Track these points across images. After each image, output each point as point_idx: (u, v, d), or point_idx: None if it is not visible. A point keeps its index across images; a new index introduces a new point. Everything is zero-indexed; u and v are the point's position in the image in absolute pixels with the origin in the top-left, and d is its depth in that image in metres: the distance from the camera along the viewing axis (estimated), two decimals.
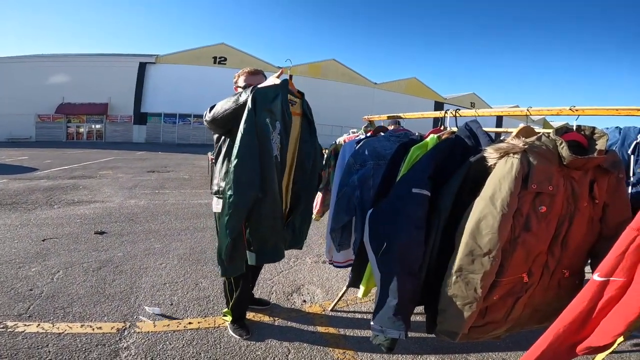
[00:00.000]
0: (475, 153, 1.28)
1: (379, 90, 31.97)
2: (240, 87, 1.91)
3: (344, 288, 2.36)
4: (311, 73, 29.64)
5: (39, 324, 2.03)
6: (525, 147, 1.16)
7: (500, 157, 1.18)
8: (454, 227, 1.22)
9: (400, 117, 2.42)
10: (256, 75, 1.95)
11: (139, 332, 2.01)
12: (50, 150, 15.85)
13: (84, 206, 5.20)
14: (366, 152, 1.86)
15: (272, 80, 1.72)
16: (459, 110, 1.78)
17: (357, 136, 2.33)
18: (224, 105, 1.67)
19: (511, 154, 1.16)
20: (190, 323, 2.15)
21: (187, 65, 25.98)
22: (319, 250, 3.60)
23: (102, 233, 3.88)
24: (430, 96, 34.79)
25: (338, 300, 2.42)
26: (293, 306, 2.45)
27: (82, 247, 3.40)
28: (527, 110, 1.52)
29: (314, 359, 1.87)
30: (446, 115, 1.78)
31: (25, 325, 2.02)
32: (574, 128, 1.26)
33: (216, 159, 1.90)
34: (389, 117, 2.50)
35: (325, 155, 2.68)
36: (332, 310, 2.40)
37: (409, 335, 1.24)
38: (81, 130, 25.62)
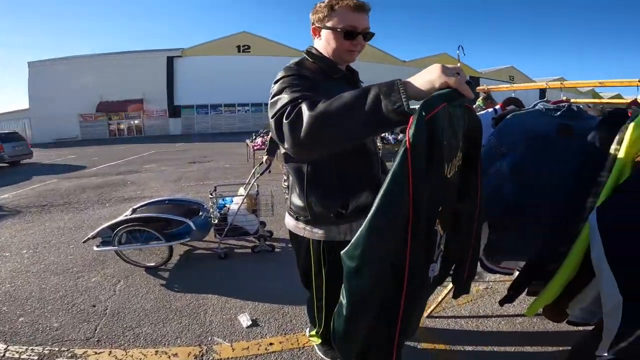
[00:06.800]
0: None
1: (408, 68, 30.43)
2: (328, 28, 1.12)
3: (444, 292, 1.97)
4: None
5: (110, 352, 1.79)
6: None
7: None
8: None
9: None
10: (360, 13, 1.11)
11: (218, 359, 1.71)
12: (96, 147, 16.55)
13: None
14: (515, 130, 1.34)
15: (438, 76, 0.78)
16: None
17: (486, 110, 1.86)
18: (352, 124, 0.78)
19: None
20: (271, 344, 1.82)
21: (212, 56, 26.02)
22: None
23: None
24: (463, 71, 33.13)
25: (436, 306, 2.03)
26: None
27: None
28: (600, 83, 1.70)
29: None
30: None
31: (96, 353, 1.77)
32: None
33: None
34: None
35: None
36: (428, 317, 2.00)
37: None
38: (122, 126, 26.79)
